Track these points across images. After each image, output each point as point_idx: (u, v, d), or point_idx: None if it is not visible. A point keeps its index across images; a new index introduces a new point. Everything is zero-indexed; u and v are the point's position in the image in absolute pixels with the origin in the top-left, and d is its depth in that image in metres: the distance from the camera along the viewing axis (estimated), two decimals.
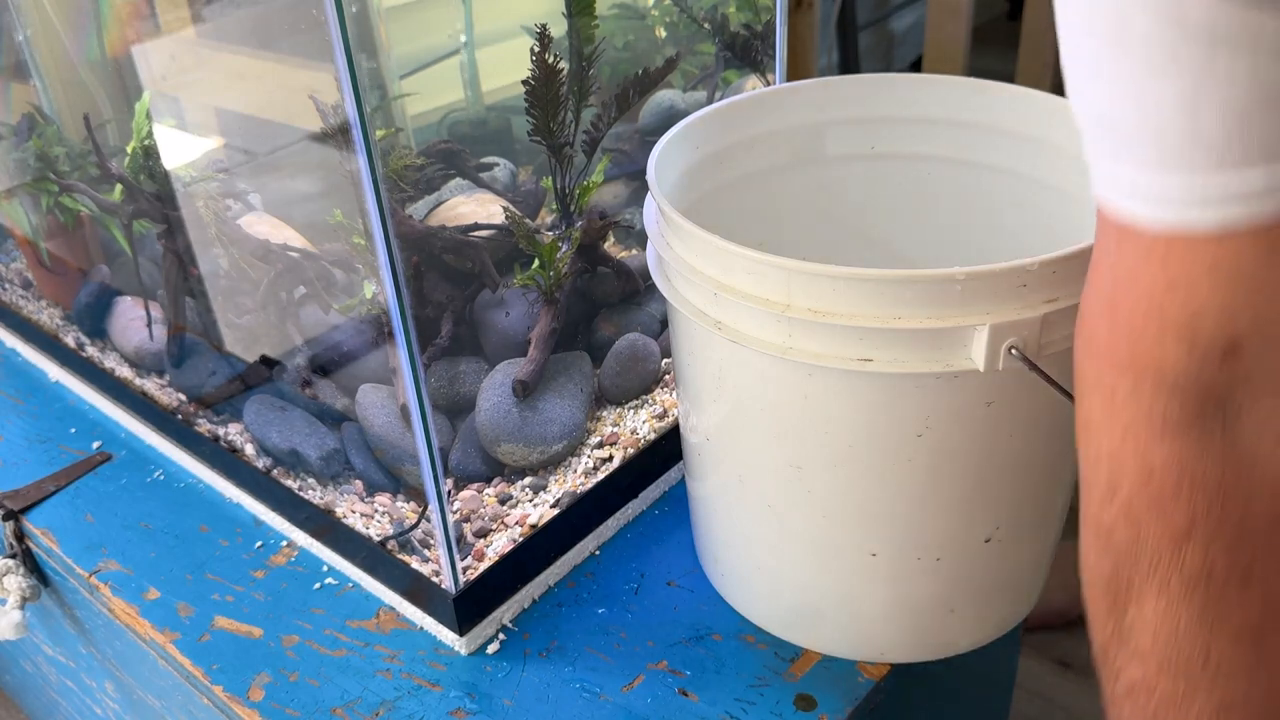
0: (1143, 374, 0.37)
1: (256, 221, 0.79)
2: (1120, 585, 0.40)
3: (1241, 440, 0.37)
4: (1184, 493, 0.38)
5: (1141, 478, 0.38)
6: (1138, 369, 0.37)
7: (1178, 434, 0.37)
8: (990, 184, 0.71)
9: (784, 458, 0.58)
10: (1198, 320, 0.36)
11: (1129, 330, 0.37)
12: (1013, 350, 0.50)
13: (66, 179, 0.93)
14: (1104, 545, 0.40)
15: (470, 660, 0.69)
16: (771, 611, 0.67)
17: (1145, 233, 0.36)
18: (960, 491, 0.57)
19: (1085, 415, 0.41)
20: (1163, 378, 0.37)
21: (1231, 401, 0.37)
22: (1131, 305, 0.37)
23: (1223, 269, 0.34)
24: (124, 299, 0.96)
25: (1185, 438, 0.37)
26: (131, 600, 0.76)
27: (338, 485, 0.77)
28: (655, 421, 0.80)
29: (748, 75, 0.95)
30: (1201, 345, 0.36)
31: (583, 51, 0.73)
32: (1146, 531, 0.39)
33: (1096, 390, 0.40)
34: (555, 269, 0.75)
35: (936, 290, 0.50)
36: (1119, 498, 0.39)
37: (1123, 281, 0.37)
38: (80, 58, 0.89)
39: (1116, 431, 0.39)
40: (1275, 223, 0.33)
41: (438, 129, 0.94)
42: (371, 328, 0.72)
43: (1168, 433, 0.37)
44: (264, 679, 0.68)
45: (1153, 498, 0.38)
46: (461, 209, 0.81)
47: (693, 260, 0.56)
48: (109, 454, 0.92)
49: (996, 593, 0.64)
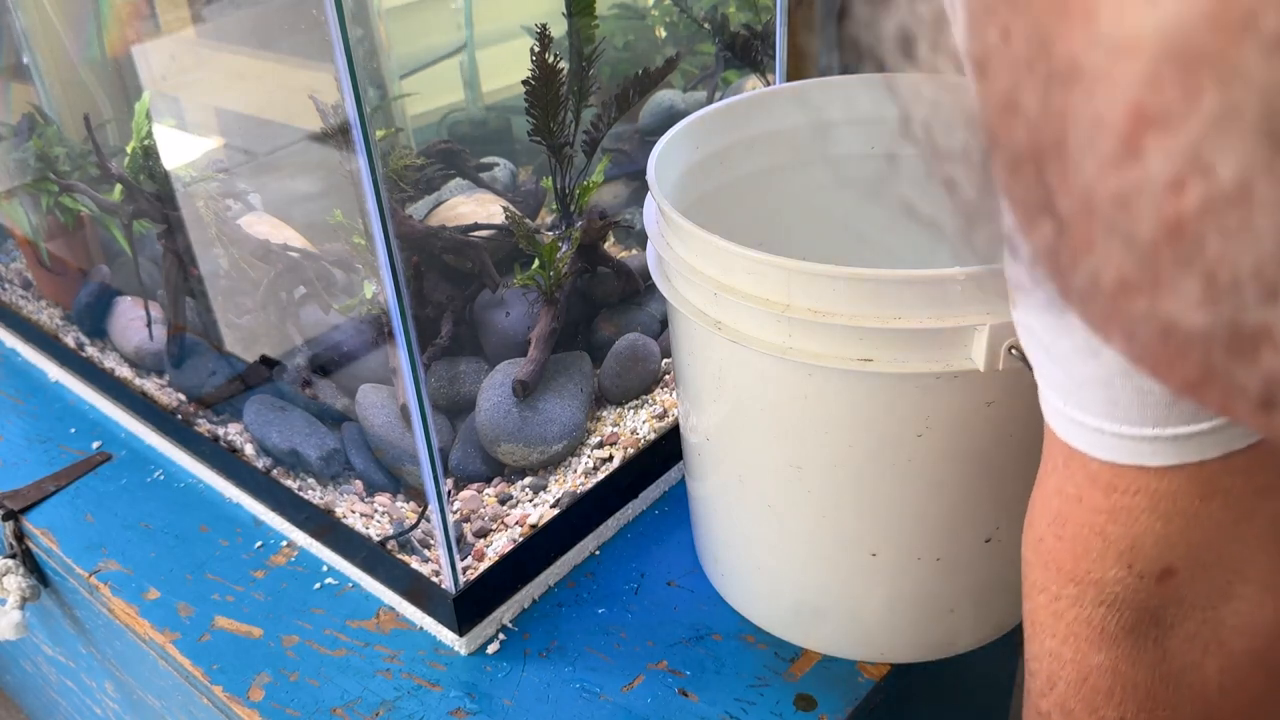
0: (1085, 587, 0.40)
1: (256, 221, 0.79)
2: None
3: (1172, 651, 0.39)
4: (1115, 696, 0.40)
5: (1078, 678, 0.41)
6: (1081, 583, 0.40)
7: (1114, 643, 0.40)
8: None
9: (784, 458, 0.58)
10: (1137, 546, 0.38)
11: (1073, 546, 0.39)
12: (1013, 350, 0.50)
13: (66, 179, 0.93)
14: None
15: (470, 660, 0.69)
16: (771, 611, 0.67)
17: (1091, 461, 0.37)
18: (960, 491, 0.57)
19: (1030, 611, 0.43)
20: (1103, 592, 0.39)
21: (1164, 617, 0.39)
22: (1077, 524, 0.39)
23: (1163, 504, 0.37)
24: (124, 299, 0.96)
25: (1121, 647, 0.40)
26: (131, 600, 0.76)
27: (338, 485, 0.77)
28: (655, 421, 0.80)
29: (748, 75, 0.95)
30: (1139, 568, 0.38)
31: (583, 51, 0.73)
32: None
33: (1043, 592, 0.42)
34: (555, 269, 0.75)
35: (936, 290, 0.50)
36: (1055, 691, 0.42)
37: (1070, 500, 0.39)
38: (80, 58, 0.89)
39: (1059, 632, 0.41)
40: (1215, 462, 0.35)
41: (438, 129, 0.94)
42: (371, 328, 0.72)
43: (1105, 641, 0.40)
44: (264, 679, 0.68)
45: (1086, 697, 0.41)
46: (461, 209, 0.81)
47: (693, 260, 0.56)
48: (109, 454, 0.92)
49: (996, 593, 0.64)
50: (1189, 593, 0.38)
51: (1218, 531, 0.37)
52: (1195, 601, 0.39)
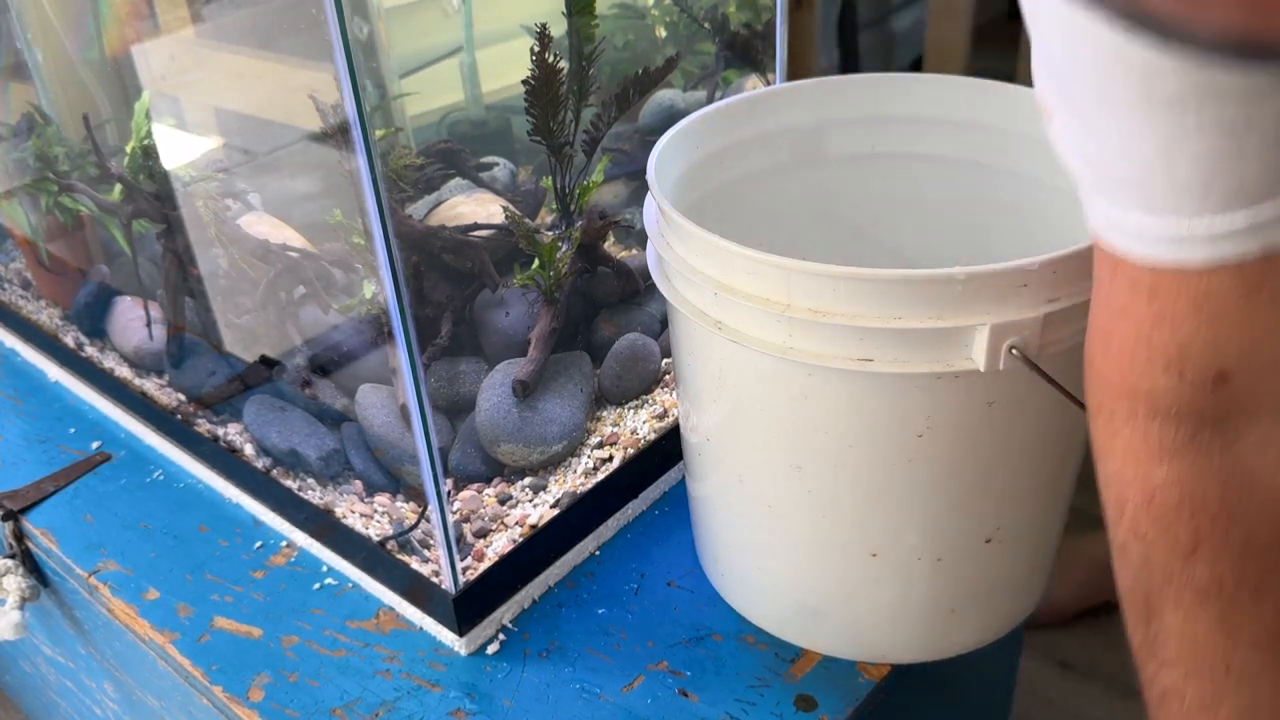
0: (1136, 401, 0.39)
1: (256, 221, 0.79)
2: (1140, 598, 0.41)
3: (1243, 461, 0.38)
4: (1186, 512, 0.39)
5: (1144, 498, 0.40)
6: (1131, 396, 0.39)
7: (1174, 457, 0.39)
8: (990, 184, 0.71)
9: (784, 458, 0.58)
10: (1185, 352, 0.37)
11: (1120, 359, 0.39)
12: (1013, 350, 0.50)
13: (66, 179, 0.93)
14: (1121, 561, 0.42)
15: (470, 660, 0.69)
16: (771, 611, 0.67)
17: (1134, 267, 0.37)
18: (960, 491, 0.57)
19: (1093, 437, 0.42)
20: (1155, 404, 0.38)
21: (1229, 424, 0.38)
22: (1123, 336, 0.38)
23: (1207, 305, 0.36)
24: (123, 299, 0.96)
25: (1182, 460, 0.39)
26: (131, 600, 0.76)
27: (337, 485, 0.77)
28: (655, 421, 0.80)
29: (748, 75, 0.95)
30: (1190, 375, 0.37)
31: (583, 51, 0.73)
32: (1154, 549, 0.40)
33: (1099, 414, 0.41)
34: (555, 269, 0.75)
35: (937, 290, 0.50)
36: (1126, 516, 0.41)
37: (1115, 313, 0.39)
38: (80, 58, 0.89)
39: (1118, 453, 0.40)
40: (1256, 260, 0.35)
41: (438, 129, 0.93)
42: (371, 328, 0.72)
43: (1164, 456, 0.39)
44: (263, 679, 0.68)
45: (1156, 517, 0.40)
46: (461, 209, 0.81)
47: (693, 260, 0.56)
48: (108, 454, 0.91)
49: (997, 593, 0.64)
50: (1249, 398, 0.37)
51: (1269, 332, 0.36)
52: (1259, 406, 0.38)
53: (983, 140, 0.70)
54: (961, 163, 0.72)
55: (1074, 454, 0.61)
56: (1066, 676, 1.30)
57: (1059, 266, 0.50)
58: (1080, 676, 1.30)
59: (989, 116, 0.70)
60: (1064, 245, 0.50)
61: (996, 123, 0.69)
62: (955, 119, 0.71)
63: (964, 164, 0.72)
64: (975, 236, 0.73)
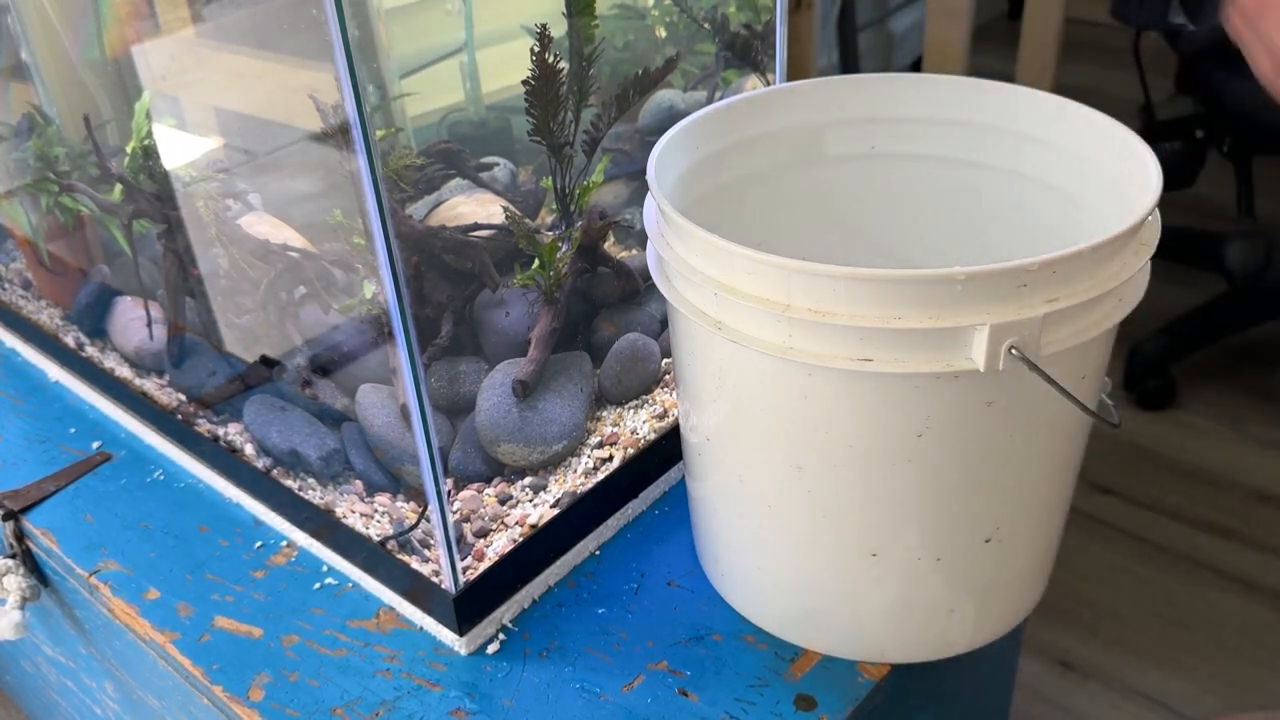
0: None
1: (256, 221, 0.79)
2: None
3: None
4: None
5: None
6: None
7: None
8: (990, 184, 0.71)
9: (784, 458, 0.58)
10: None
11: None
12: (1013, 350, 0.50)
13: (66, 179, 0.93)
14: None
15: (470, 660, 0.69)
16: (771, 611, 0.67)
17: None
18: (960, 491, 0.57)
19: None
20: None
21: None
22: None
23: None
24: (124, 299, 0.96)
25: None
26: (131, 600, 0.76)
27: (338, 485, 0.77)
28: (655, 421, 0.80)
29: (748, 75, 0.95)
30: None
31: (583, 51, 0.73)
32: None
33: None
34: (555, 269, 0.75)
35: (936, 290, 0.50)
36: None
37: None
38: (80, 58, 0.89)
39: None
40: None
41: (438, 129, 0.93)
42: (371, 328, 0.72)
43: None
44: (264, 679, 0.68)
45: None
46: (461, 209, 0.81)
47: (693, 260, 0.56)
48: (109, 454, 0.92)
49: (996, 593, 0.64)
50: None
51: None
52: None
53: (983, 140, 0.70)
54: (961, 163, 0.72)
55: (1074, 454, 0.61)
56: (1066, 676, 1.31)
57: (1058, 266, 0.50)
58: (1080, 676, 1.30)
59: (989, 116, 0.70)
60: (1064, 245, 0.50)
61: (996, 123, 0.69)
62: (955, 119, 0.71)
63: (964, 164, 0.72)
64: (975, 237, 0.73)
